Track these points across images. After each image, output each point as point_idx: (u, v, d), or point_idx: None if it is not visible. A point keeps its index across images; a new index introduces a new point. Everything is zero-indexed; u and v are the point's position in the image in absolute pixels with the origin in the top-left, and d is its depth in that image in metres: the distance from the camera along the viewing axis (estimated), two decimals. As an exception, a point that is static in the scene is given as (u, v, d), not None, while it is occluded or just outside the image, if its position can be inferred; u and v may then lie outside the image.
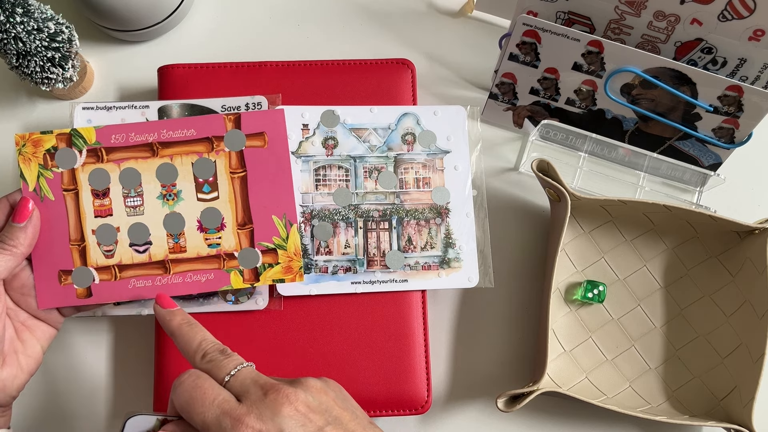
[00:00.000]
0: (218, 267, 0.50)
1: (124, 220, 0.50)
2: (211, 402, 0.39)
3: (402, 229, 0.56)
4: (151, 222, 0.50)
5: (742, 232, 0.58)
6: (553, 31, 0.55)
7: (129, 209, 0.50)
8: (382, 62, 0.60)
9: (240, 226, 0.50)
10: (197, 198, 0.50)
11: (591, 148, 0.61)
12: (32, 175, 0.50)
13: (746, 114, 0.56)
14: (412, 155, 0.58)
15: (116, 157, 0.50)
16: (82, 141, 0.50)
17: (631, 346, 0.58)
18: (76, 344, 0.57)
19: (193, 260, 0.50)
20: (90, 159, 0.50)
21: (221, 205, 0.51)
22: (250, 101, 0.57)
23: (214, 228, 0.50)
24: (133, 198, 0.50)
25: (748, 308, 0.55)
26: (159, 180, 0.51)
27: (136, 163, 0.50)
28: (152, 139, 0.50)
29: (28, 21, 0.53)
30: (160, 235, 0.50)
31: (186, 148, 0.51)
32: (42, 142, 0.50)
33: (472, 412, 0.57)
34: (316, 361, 0.54)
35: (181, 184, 0.51)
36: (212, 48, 0.64)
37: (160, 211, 0.50)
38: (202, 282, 0.50)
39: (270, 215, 0.50)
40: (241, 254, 0.50)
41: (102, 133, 0.51)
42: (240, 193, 0.50)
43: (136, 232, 0.50)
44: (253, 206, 0.50)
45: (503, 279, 0.59)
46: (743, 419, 0.52)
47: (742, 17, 0.52)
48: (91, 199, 0.50)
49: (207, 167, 0.50)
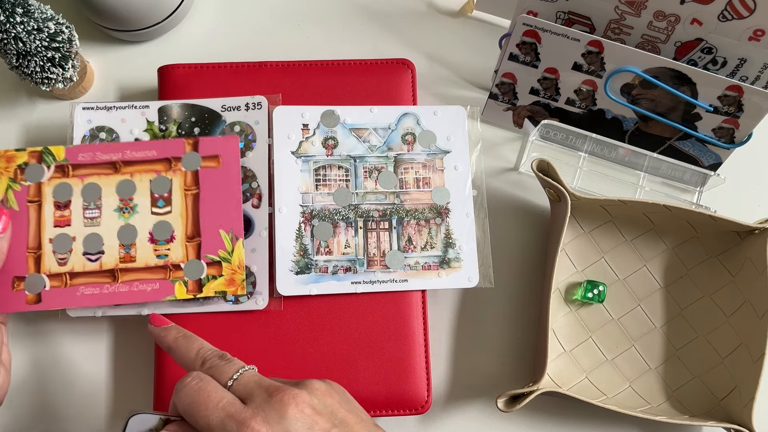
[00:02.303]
0: (164, 277, 0.53)
1: (80, 230, 0.53)
2: (215, 405, 0.38)
3: (402, 229, 0.56)
4: (105, 232, 0.53)
5: (742, 232, 0.58)
6: (553, 31, 0.55)
7: (87, 220, 0.53)
8: (382, 62, 0.60)
9: (188, 239, 0.53)
10: (151, 212, 0.54)
11: (591, 148, 0.61)
12: (2, 187, 0.53)
13: (746, 114, 0.56)
14: (412, 155, 0.58)
15: (81, 173, 0.54)
16: (51, 158, 0.54)
17: (631, 346, 0.58)
18: (75, 344, 0.57)
19: (140, 270, 0.53)
20: (56, 174, 0.54)
21: (173, 219, 0.54)
22: (250, 101, 0.57)
23: (164, 240, 0.53)
24: (92, 210, 0.53)
25: (748, 308, 0.55)
26: (118, 194, 0.54)
27: (98, 178, 0.54)
28: (116, 158, 0.54)
29: (28, 21, 0.53)
30: (112, 245, 0.53)
31: (146, 166, 0.54)
32: (15, 158, 0.54)
33: (472, 412, 0.57)
34: (316, 361, 0.54)
35: (138, 199, 0.54)
36: (212, 48, 0.64)
37: (116, 223, 0.53)
38: (147, 291, 0.52)
39: (218, 230, 0.53)
40: (186, 266, 0.53)
41: (71, 152, 0.54)
42: (191, 208, 0.54)
43: (90, 242, 0.53)
44: (202, 221, 0.54)
45: (503, 279, 0.59)
46: (743, 419, 0.52)
47: (742, 17, 0.52)
48: (53, 210, 0.53)
49: (163, 184, 0.54)
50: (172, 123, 0.57)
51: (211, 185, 0.54)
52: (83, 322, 0.57)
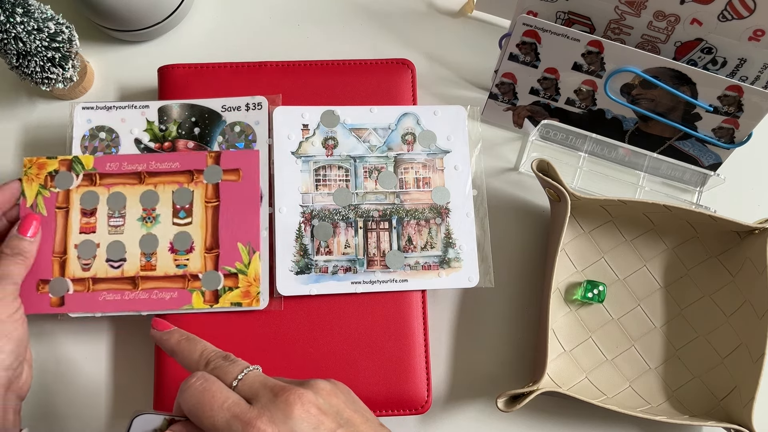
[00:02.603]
0: (182, 287, 0.54)
1: (105, 238, 0.54)
2: (221, 405, 0.38)
3: (402, 229, 0.56)
4: (128, 240, 0.54)
5: (742, 232, 0.58)
6: (553, 31, 0.55)
7: (111, 228, 0.55)
8: (382, 62, 0.60)
9: (207, 250, 0.54)
10: (173, 222, 0.55)
11: (591, 148, 0.61)
12: (32, 192, 0.55)
13: (746, 114, 0.56)
14: (412, 155, 0.58)
15: (107, 182, 0.55)
16: (80, 167, 0.55)
17: (631, 346, 0.58)
18: (76, 344, 0.57)
19: (160, 278, 0.54)
20: (84, 182, 0.55)
21: (193, 230, 0.55)
22: (250, 101, 0.57)
23: (184, 250, 0.54)
24: (117, 218, 0.55)
25: (748, 308, 0.55)
26: (141, 204, 0.55)
27: (123, 188, 0.55)
28: (141, 168, 0.55)
29: (28, 21, 0.53)
30: (134, 253, 0.54)
31: (169, 178, 0.55)
32: (46, 165, 0.55)
33: (472, 412, 0.57)
34: (316, 361, 0.54)
35: (161, 209, 0.55)
36: (212, 48, 0.64)
37: (138, 232, 0.55)
38: (166, 300, 0.53)
39: (236, 242, 0.54)
40: (205, 276, 0.54)
41: (99, 161, 0.56)
42: (211, 220, 0.55)
43: (113, 249, 0.54)
44: (221, 233, 0.54)
45: (503, 279, 0.59)
46: (743, 419, 0.52)
47: (742, 17, 0.52)
48: (79, 217, 0.55)
49: (185, 196, 0.55)
50: (172, 123, 0.57)
51: (231, 198, 0.55)
52: (83, 322, 0.57)
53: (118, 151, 0.56)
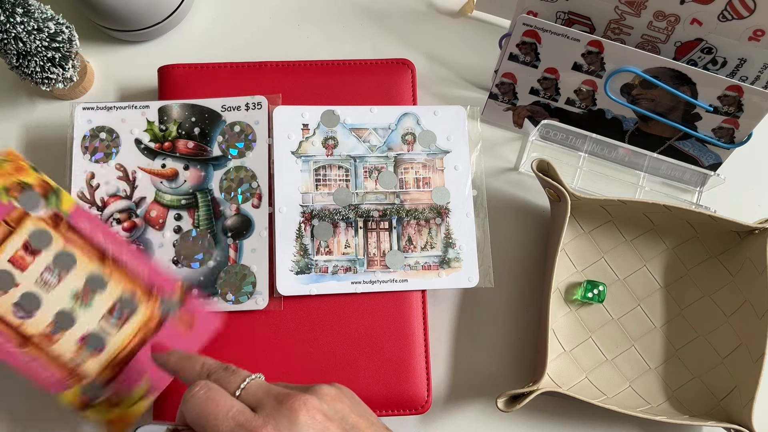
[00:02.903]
0: (65, 377, 0.49)
1: (28, 283, 0.49)
2: (225, 414, 0.37)
3: (402, 229, 0.56)
4: (48, 303, 0.49)
5: (742, 232, 0.58)
6: (553, 31, 0.55)
7: (40, 279, 0.49)
8: (382, 62, 0.60)
9: (111, 366, 0.50)
10: (101, 318, 0.50)
11: (591, 148, 0.61)
12: (30, 174, 0.49)
13: (746, 114, 0.56)
14: (412, 155, 0.58)
15: (70, 236, 0.50)
16: (56, 201, 0.49)
17: (631, 346, 0.58)
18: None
19: (51, 357, 0.49)
20: (48, 219, 0.49)
21: (114, 339, 0.50)
22: (250, 101, 0.57)
23: (91, 349, 0.50)
24: (52, 276, 0.49)
25: (748, 308, 0.55)
26: (86, 282, 0.50)
27: (80, 254, 0.50)
28: (111, 250, 0.50)
29: (28, 21, 0.53)
30: (44, 318, 0.49)
31: (129, 279, 0.50)
32: (24, 172, 0.49)
33: (472, 412, 0.57)
34: (316, 361, 0.54)
35: (100, 300, 0.50)
36: (212, 48, 0.64)
37: (63, 302, 0.49)
38: (42, 375, 0.48)
39: (141, 376, 0.50)
40: (91, 383, 0.49)
41: (77, 212, 0.50)
42: (135, 345, 0.50)
43: (28, 299, 0.49)
44: (134, 362, 0.50)
45: (503, 279, 0.59)
46: (743, 419, 0.52)
47: (742, 17, 0.52)
48: (18, 246, 0.49)
49: (130, 306, 0.50)
50: (172, 123, 0.57)
51: (168, 340, 0.50)
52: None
53: (118, 152, 0.56)
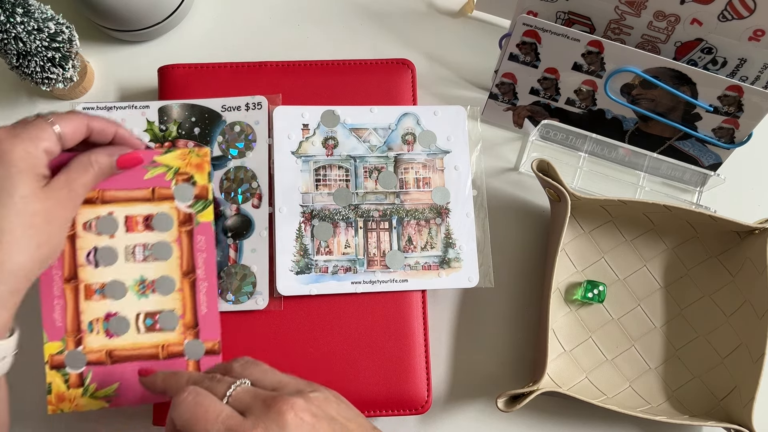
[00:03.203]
0: (69, 332, 0.51)
1: (120, 242, 0.52)
2: (215, 419, 0.38)
3: (402, 229, 0.56)
4: (117, 268, 0.51)
5: (742, 232, 0.58)
6: (553, 31, 0.55)
7: (131, 248, 0.52)
8: (382, 62, 0.60)
9: (111, 354, 0.51)
10: (138, 313, 0.52)
11: (591, 148, 0.61)
12: (203, 177, 0.52)
13: (746, 114, 0.56)
14: (412, 155, 0.58)
15: (183, 238, 0.52)
16: (200, 207, 0.52)
17: (631, 346, 0.58)
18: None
19: (75, 308, 0.51)
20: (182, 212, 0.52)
21: (132, 337, 0.52)
22: (250, 101, 0.57)
23: (110, 329, 0.51)
24: (143, 253, 0.52)
25: (748, 308, 0.55)
26: (159, 279, 0.52)
27: (176, 256, 0.52)
28: (198, 275, 0.52)
29: (28, 21, 0.53)
30: (102, 276, 0.51)
31: (187, 305, 0.52)
32: (200, 171, 0.52)
33: (472, 412, 0.57)
34: (316, 361, 0.54)
35: (152, 300, 0.52)
36: (212, 48, 0.64)
37: (127, 278, 0.52)
38: (53, 315, 0.51)
39: (116, 382, 0.51)
40: (80, 353, 0.51)
41: (206, 229, 0.52)
42: (143, 355, 0.51)
43: (107, 254, 0.51)
44: (126, 365, 0.51)
45: (503, 279, 0.59)
46: (743, 419, 0.52)
47: (742, 17, 0.52)
48: (142, 213, 0.52)
49: (168, 325, 0.52)
50: (173, 123, 0.57)
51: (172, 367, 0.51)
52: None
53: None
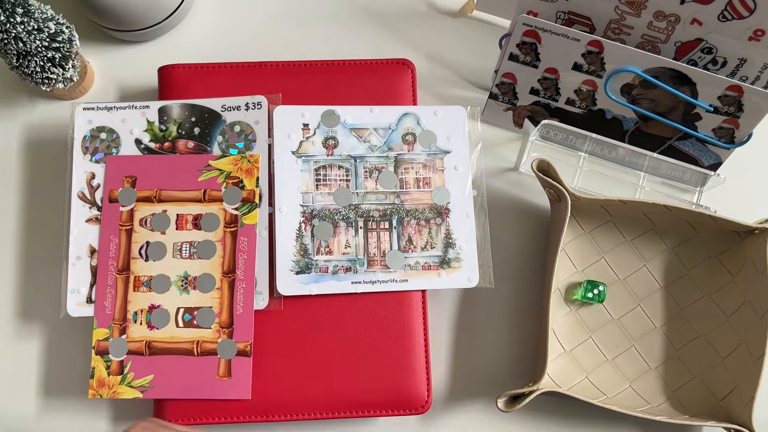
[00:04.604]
0: (116, 320, 0.54)
1: (170, 239, 0.55)
2: None
3: (402, 229, 0.56)
4: (164, 263, 0.55)
5: (742, 232, 0.58)
6: (553, 31, 0.55)
7: (179, 245, 0.55)
8: (382, 62, 0.60)
9: (151, 345, 0.54)
10: (178, 307, 0.54)
11: (591, 148, 0.61)
12: (252, 182, 0.55)
13: (746, 114, 0.56)
14: (412, 155, 0.58)
15: (227, 239, 0.55)
16: (246, 210, 0.55)
17: (631, 346, 0.58)
18: (75, 347, 0.57)
19: (124, 297, 0.54)
20: (229, 214, 0.55)
21: (171, 330, 0.54)
22: (250, 101, 0.57)
23: (152, 321, 0.54)
24: (189, 251, 0.55)
25: (748, 308, 0.55)
26: (201, 276, 0.55)
27: (219, 255, 0.55)
28: (238, 275, 0.55)
29: (28, 21, 0.53)
30: (150, 270, 0.54)
31: (224, 304, 0.54)
32: (249, 176, 0.56)
33: (472, 412, 0.57)
34: (316, 361, 0.54)
35: (193, 296, 0.54)
36: (212, 48, 0.64)
37: (172, 273, 0.55)
38: (104, 302, 0.54)
39: (152, 373, 0.53)
40: (123, 341, 0.54)
41: (250, 231, 0.55)
42: (179, 349, 0.54)
43: (157, 249, 0.55)
44: (162, 358, 0.54)
45: (503, 279, 0.59)
46: (743, 419, 0.52)
47: (742, 17, 0.52)
48: (193, 213, 0.55)
49: (204, 323, 0.54)
50: (173, 123, 0.57)
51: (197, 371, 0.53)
52: (82, 325, 0.57)
53: (118, 152, 0.56)
